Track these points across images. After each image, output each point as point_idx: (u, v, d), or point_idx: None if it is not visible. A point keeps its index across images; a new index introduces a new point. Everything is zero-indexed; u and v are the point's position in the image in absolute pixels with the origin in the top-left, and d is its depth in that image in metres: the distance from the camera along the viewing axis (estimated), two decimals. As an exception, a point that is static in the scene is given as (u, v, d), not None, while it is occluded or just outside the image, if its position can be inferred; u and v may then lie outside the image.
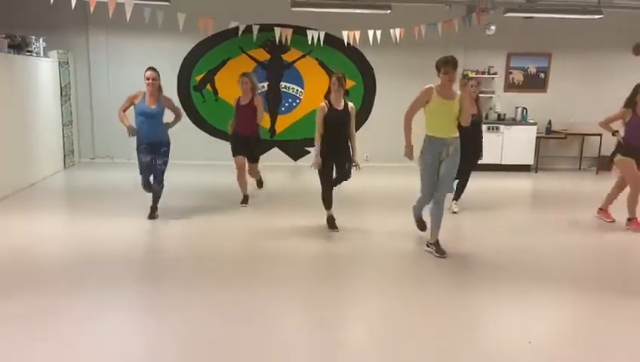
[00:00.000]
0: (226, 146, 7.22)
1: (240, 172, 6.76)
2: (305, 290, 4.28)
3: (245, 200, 6.91)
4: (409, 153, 5.03)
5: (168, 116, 6.08)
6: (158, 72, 5.91)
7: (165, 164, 6.07)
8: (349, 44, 8.20)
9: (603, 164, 10.11)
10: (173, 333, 3.49)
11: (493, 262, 4.98)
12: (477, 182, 7.14)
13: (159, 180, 6.07)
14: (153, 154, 5.98)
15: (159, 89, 5.94)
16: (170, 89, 9.59)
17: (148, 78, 5.80)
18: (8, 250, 5.02)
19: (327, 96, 5.52)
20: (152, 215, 6.10)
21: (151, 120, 5.90)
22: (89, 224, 5.91)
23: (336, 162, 5.61)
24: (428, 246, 5.12)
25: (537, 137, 9.90)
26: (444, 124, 4.86)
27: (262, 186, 7.39)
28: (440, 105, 4.83)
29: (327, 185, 5.66)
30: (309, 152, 9.78)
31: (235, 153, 6.71)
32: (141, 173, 6.09)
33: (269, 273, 4.61)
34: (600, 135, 9.94)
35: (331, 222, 5.83)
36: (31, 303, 3.88)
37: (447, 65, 4.78)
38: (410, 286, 4.41)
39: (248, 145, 6.65)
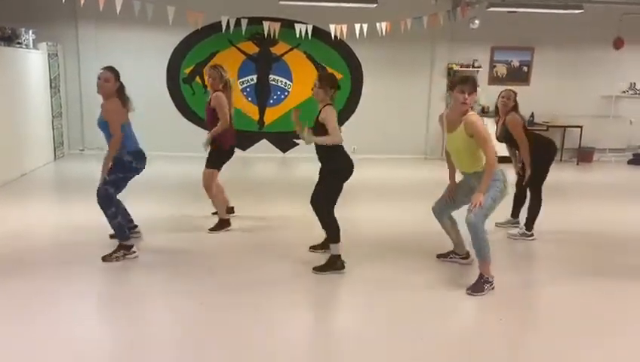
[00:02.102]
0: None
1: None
2: (302, 284, 4.39)
3: (221, 224, 5.48)
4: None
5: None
6: (114, 73, 4.52)
7: (105, 183, 4.49)
8: (336, 37, 8.35)
9: (583, 156, 10.42)
10: (159, 320, 3.61)
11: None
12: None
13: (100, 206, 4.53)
14: None
15: (109, 94, 4.51)
16: (159, 82, 9.72)
17: (99, 78, 4.48)
18: (0, 236, 5.12)
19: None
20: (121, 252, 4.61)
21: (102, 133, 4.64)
22: (79, 213, 5.96)
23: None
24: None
25: (520, 129, 10.12)
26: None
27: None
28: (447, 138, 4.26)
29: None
30: (298, 144, 9.92)
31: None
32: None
33: (261, 266, 4.75)
34: (580, 127, 10.21)
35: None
36: (21, 287, 4.00)
37: (464, 83, 3.99)
38: (401, 278, 4.56)
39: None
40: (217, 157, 5.49)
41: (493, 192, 3.99)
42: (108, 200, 4.53)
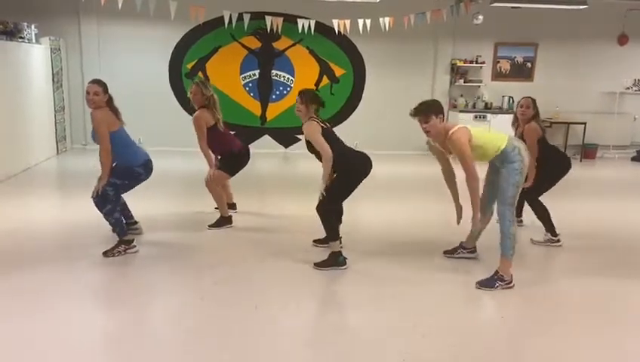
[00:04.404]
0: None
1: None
2: (303, 280, 4.39)
3: (222, 222, 5.44)
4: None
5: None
6: (102, 86, 4.43)
7: (107, 184, 4.43)
8: (339, 32, 8.32)
9: (586, 152, 10.37)
10: (159, 314, 3.62)
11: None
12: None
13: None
14: None
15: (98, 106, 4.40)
16: (161, 76, 9.71)
17: (88, 93, 4.38)
18: (2, 231, 5.13)
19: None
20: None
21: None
22: (81, 208, 5.88)
23: None
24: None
25: (523, 126, 10.09)
26: None
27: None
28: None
29: None
30: (300, 140, 9.90)
31: None
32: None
33: (259, 261, 4.74)
34: (584, 124, 10.16)
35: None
36: (21, 282, 4.01)
37: (416, 115, 4.18)
38: (398, 269, 4.56)
39: None
40: (229, 160, 5.42)
41: (514, 177, 4.00)
42: (103, 200, 4.49)
